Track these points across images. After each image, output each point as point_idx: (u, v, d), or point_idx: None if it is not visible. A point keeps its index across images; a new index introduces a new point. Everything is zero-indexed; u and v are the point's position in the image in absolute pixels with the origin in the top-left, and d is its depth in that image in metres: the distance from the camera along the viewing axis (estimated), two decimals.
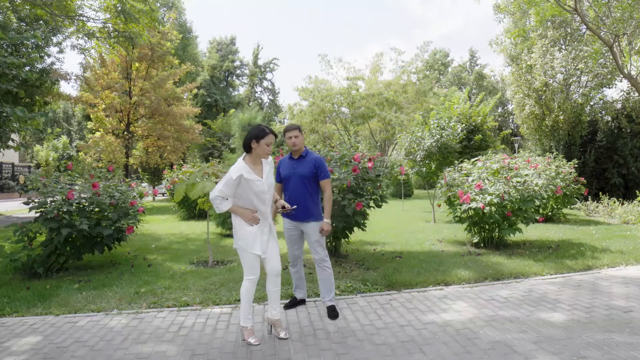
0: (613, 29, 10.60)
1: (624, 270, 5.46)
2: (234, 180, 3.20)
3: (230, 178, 3.20)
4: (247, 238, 3.29)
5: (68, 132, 49.09)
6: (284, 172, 4.07)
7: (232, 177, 3.20)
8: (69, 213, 5.43)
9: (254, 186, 3.26)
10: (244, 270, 3.35)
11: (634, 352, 2.97)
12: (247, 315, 3.33)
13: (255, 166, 3.33)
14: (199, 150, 25.48)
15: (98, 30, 11.49)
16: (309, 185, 3.96)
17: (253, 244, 3.29)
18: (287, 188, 4.03)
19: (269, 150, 3.32)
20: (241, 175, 3.21)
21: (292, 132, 3.98)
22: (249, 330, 3.33)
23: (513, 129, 33.52)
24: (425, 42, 37.51)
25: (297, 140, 3.97)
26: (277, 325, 3.43)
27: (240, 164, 3.27)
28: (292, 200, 3.92)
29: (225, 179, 3.23)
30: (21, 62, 7.12)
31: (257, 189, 3.27)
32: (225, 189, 3.22)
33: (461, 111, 13.41)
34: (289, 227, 4.03)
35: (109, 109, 19.28)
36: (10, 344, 3.38)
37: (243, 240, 3.30)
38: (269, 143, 3.30)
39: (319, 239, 3.94)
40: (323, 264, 3.94)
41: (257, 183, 3.27)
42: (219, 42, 46.22)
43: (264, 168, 3.37)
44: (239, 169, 3.23)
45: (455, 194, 7.09)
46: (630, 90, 16.50)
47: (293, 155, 4.06)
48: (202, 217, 12.66)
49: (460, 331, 3.45)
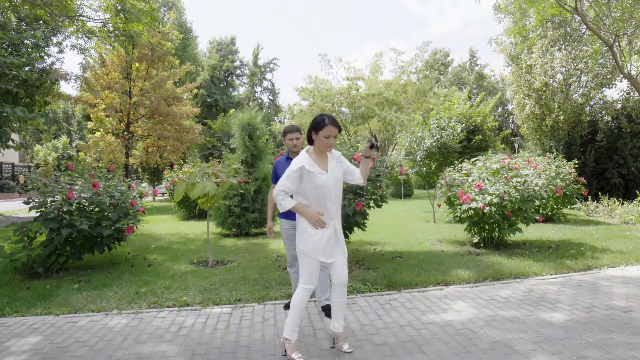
0: (613, 28, 10.59)
1: (624, 270, 5.46)
2: (295, 172, 2.91)
3: (292, 170, 2.93)
4: (310, 242, 2.95)
5: (68, 132, 49.11)
6: (281, 173, 4.03)
7: (292, 169, 2.92)
8: (69, 213, 5.43)
9: (317, 180, 2.95)
10: (302, 278, 3.01)
11: (634, 352, 2.97)
12: (295, 328, 2.98)
13: (319, 159, 3.03)
14: (199, 150, 25.46)
15: (98, 30, 11.49)
16: None
17: (316, 249, 2.95)
18: None
19: (328, 142, 2.99)
20: (302, 167, 2.92)
21: (294, 134, 3.95)
22: (293, 344, 2.99)
23: (513, 129, 33.53)
24: (425, 42, 37.57)
25: (298, 142, 3.95)
26: (341, 338, 3.13)
27: (303, 156, 3.00)
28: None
29: (287, 171, 2.96)
30: (21, 62, 7.12)
31: (320, 183, 2.95)
32: (288, 182, 2.92)
33: (461, 111, 13.41)
34: (287, 227, 4.00)
35: (109, 109, 19.27)
36: (10, 344, 3.38)
37: (306, 245, 2.97)
38: (329, 135, 2.97)
39: None
40: None
41: (320, 177, 2.96)
42: (219, 42, 46.22)
43: (329, 162, 3.06)
44: (300, 161, 2.95)
45: (455, 194, 7.09)
46: (630, 90, 16.49)
47: (291, 156, 4.02)
48: (202, 217, 12.67)
49: (460, 331, 3.45)
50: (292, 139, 3.95)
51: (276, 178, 4.10)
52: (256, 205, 9.13)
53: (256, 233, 9.27)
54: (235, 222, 9.01)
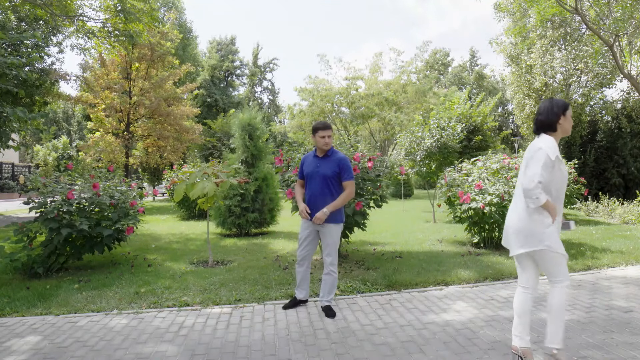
0: (613, 28, 10.59)
1: (624, 270, 5.46)
2: (552, 162, 2.59)
3: (549, 159, 2.58)
4: (556, 238, 2.68)
5: (68, 132, 49.11)
6: (307, 169, 3.98)
7: (550, 158, 2.58)
8: (69, 213, 5.43)
9: (564, 170, 2.67)
10: (561, 275, 2.70)
11: (634, 352, 2.97)
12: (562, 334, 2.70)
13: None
14: (199, 150, 25.47)
15: (98, 30, 11.49)
16: (331, 185, 3.87)
17: (560, 244, 2.70)
18: (309, 187, 3.94)
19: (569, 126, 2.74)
20: (557, 156, 2.60)
21: (326, 131, 3.86)
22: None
23: (513, 129, 33.54)
24: (424, 42, 37.51)
25: (329, 141, 3.88)
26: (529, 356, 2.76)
27: (553, 142, 2.65)
28: (312, 199, 3.88)
29: (542, 160, 2.58)
30: (21, 62, 7.11)
31: (565, 174, 2.68)
32: (544, 172, 2.57)
33: (461, 111, 13.42)
34: (306, 227, 3.97)
35: (108, 109, 19.27)
36: (10, 344, 3.38)
37: (554, 241, 2.66)
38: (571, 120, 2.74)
39: (335, 241, 3.92)
40: (331, 267, 3.92)
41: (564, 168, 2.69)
42: (219, 42, 46.23)
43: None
44: (555, 148, 2.61)
45: (455, 194, 7.09)
46: (630, 90, 16.50)
47: (318, 153, 3.97)
48: (202, 217, 12.67)
49: (460, 331, 3.45)
50: (324, 136, 3.86)
51: (301, 174, 4.07)
52: (256, 205, 9.12)
53: (256, 233, 9.27)
54: (235, 222, 9.00)
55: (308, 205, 3.92)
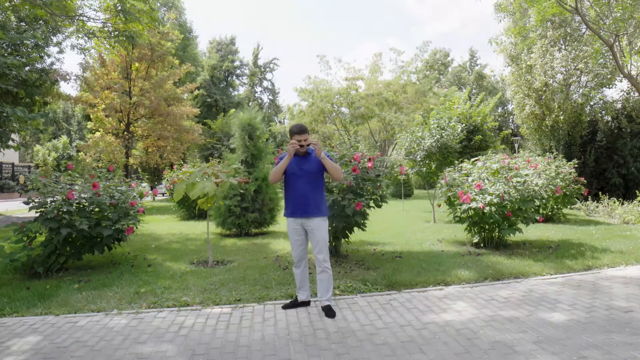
0: (613, 28, 10.59)
1: (624, 270, 5.46)
2: None
3: None
4: None
5: (68, 132, 49.10)
6: (289, 169, 4.00)
7: None
8: (69, 213, 5.43)
9: None
10: None
11: (634, 352, 2.97)
12: None
13: None
14: (199, 150, 25.48)
15: (98, 30, 11.48)
16: (318, 181, 3.99)
17: None
18: (294, 186, 3.97)
19: None
20: None
21: (302, 135, 3.89)
22: None
23: (513, 129, 33.54)
24: (424, 42, 37.51)
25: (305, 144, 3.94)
26: None
27: None
28: (300, 197, 3.91)
29: None
30: (21, 62, 7.12)
31: None
32: None
33: (461, 111, 13.41)
34: (295, 227, 3.99)
35: (108, 109, 19.28)
36: (10, 344, 3.38)
37: None
38: None
39: (324, 237, 3.94)
40: (325, 264, 3.93)
41: None
42: (219, 42, 46.20)
43: None
44: None
45: (455, 194, 7.09)
46: (630, 90, 16.49)
47: (297, 153, 4.01)
48: (202, 217, 12.66)
49: (460, 331, 3.45)
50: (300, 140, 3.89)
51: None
52: (256, 205, 9.12)
53: (256, 233, 9.27)
54: (235, 222, 9.00)
55: (298, 203, 3.93)
